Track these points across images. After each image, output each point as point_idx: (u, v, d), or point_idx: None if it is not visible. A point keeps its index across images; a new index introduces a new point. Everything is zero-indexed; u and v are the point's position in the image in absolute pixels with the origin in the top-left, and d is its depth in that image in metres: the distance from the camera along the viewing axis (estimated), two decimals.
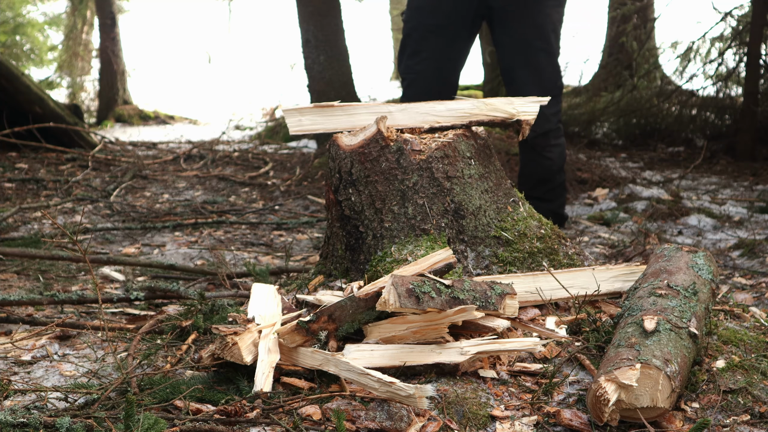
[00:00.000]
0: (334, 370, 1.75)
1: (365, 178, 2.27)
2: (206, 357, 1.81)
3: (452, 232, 2.26)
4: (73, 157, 6.40)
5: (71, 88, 13.88)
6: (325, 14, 6.84)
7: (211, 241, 3.98)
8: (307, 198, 5.31)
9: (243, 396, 1.75)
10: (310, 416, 1.68)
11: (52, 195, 5.19)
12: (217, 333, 1.81)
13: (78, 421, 1.60)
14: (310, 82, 6.99)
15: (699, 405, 1.79)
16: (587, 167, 5.60)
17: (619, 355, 1.73)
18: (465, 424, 1.69)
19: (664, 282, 2.02)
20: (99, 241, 3.92)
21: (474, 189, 2.30)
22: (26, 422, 1.59)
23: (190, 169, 6.52)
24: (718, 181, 5.71)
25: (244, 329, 1.82)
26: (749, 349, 2.01)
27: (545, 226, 2.41)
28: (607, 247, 3.73)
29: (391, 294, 1.77)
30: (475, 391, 1.79)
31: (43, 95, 6.89)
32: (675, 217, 4.36)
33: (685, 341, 1.81)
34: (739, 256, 3.56)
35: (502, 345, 1.85)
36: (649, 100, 7.38)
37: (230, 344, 1.78)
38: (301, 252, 3.74)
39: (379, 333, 1.89)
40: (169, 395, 1.75)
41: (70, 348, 2.31)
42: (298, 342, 1.80)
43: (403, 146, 2.25)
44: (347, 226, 2.32)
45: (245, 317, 1.92)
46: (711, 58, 7.17)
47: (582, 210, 4.74)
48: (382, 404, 1.68)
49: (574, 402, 1.79)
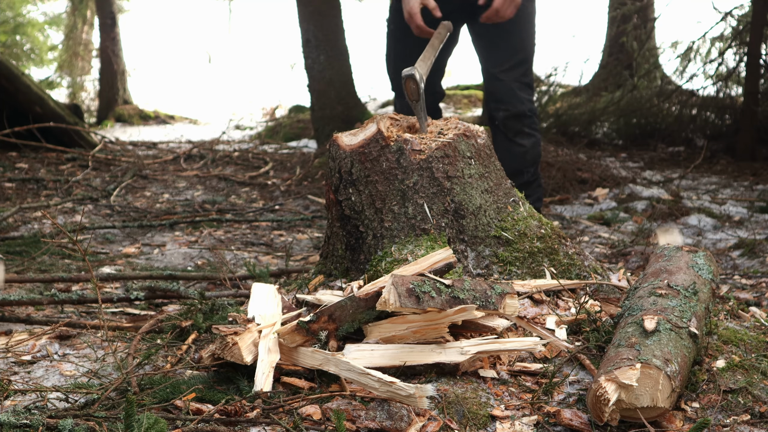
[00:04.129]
0: (335, 369, 1.75)
1: (365, 177, 2.27)
2: (206, 357, 1.81)
3: (452, 232, 2.26)
4: (73, 157, 6.40)
5: (71, 87, 13.88)
6: (325, 14, 6.84)
7: (211, 240, 3.98)
8: (307, 198, 5.31)
9: (243, 396, 1.75)
10: (310, 416, 1.68)
11: (52, 195, 5.19)
12: (218, 333, 1.81)
13: (81, 423, 1.60)
14: (310, 81, 6.99)
15: (699, 405, 1.79)
16: (587, 167, 5.60)
17: (620, 354, 1.72)
18: (465, 424, 1.69)
19: (665, 282, 2.02)
20: (99, 240, 3.92)
21: (474, 189, 2.30)
22: (29, 423, 1.59)
23: (190, 168, 6.52)
24: (719, 180, 5.71)
25: (245, 329, 1.82)
26: (749, 349, 2.01)
27: (545, 226, 2.40)
28: (607, 247, 3.73)
29: (392, 294, 1.77)
30: (476, 390, 1.79)
31: (43, 95, 6.90)
32: (675, 217, 4.36)
33: (686, 341, 1.81)
34: (739, 256, 3.56)
35: (502, 345, 1.85)
36: (649, 99, 7.38)
37: (230, 344, 1.78)
38: (301, 252, 3.74)
39: (379, 333, 1.89)
40: (170, 395, 1.75)
41: (70, 348, 2.31)
42: (299, 342, 1.80)
43: (404, 146, 2.25)
44: (347, 225, 2.32)
45: (245, 317, 1.92)
46: (711, 57, 7.18)
47: (582, 210, 4.74)
48: (382, 404, 1.68)
49: (574, 402, 1.79)
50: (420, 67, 2.42)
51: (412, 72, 2.34)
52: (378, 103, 11.11)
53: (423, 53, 2.52)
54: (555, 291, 2.27)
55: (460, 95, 11.14)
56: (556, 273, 2.31)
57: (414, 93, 2.34)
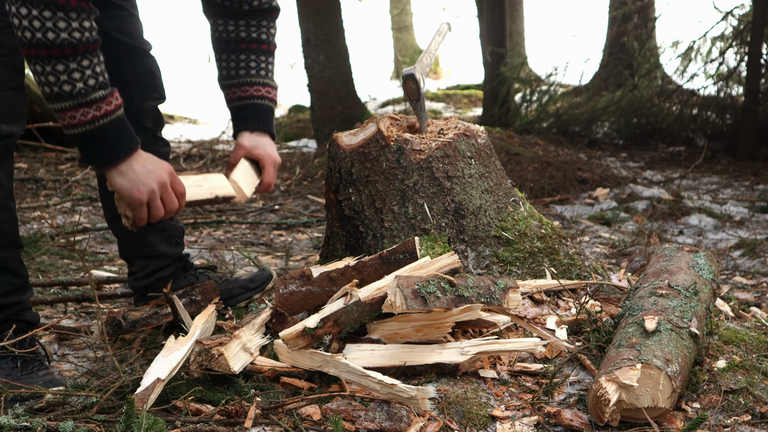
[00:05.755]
0: (334, 371, 1.74)
1: (365, 177, 2.26)
2: (194, 369, 1.79)
3: (452, 232, 2.26)
4: (72, 157, 6.40)
5: None
6: (325, 13, 6.84)
7: (210, 240, 3.98)
8: (307, 198, 5.30)
9: (243, 396, 1.74)
10: (310, 416, 1.67)
11: (51, 194, 5.18)
12: (201, 347, 1.77)
13: (81, 425, 1.59)
14: (309, 81, 6.98)
15: (700, 405, 1.78)
16: (588, 167, 5.60)
17: (620, 355, 1.72)
18: (465, 425, 1.69)
19: (665, 282, 2.02)
20: (98, 241, 3.92)
21: (474, 189, 2.29)
22: (29, 426, 1.58)
23: (190, 168, 6.52)
24: (719, 180, 5.70)
25: (230, 338, 1.80)
26: (750, 349, 2.00)
27: (546, 226, 2.40)
28: (608, 247, 3.72)
29: (398, 296, 1.76)
30: (476, 391, 1.79)
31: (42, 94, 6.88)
32: (676, 217, 4.35)
33: (686, 341, 1.81)
34: (740, 256, 3.56)
35: (502, 345, 1.84)
36: (649, 99, 7.38)
37: (216, 356, 1.76)
38: (301, 252, 3.74)
39: (382, 331, 1.88)
40: (169, 395, 1.75)
41: (69, 348, 2.30)
42: (302, 346, 1.79)
43: (403, 146, 2.25)
44: (347, 225, 2.32)
45: (232, 324, 1.90)
46: (712, 57, 7.17)
47: (583, 210, 4.74)
48: (381, 404, 1.67)
49: (574, 402, 1.78)
50: (420, 66, 2.42)
51: (412, 71, 2.34)
52: (378, 102, 11.10)
53: (423, 53, 2.52)
54: (555, 291, 2.26)
55: (460, 95, 11.14)
56: (557, 273, 2.31)
57: (414, 92, 2.34)
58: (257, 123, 2.20)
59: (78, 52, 1.70)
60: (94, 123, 1.76)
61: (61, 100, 1.73)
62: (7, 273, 1.96)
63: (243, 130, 2.20)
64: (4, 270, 1.95)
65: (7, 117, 1.88)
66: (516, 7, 11.28)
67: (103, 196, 2.26)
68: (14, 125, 1.90)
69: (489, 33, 7.88)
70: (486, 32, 7.96)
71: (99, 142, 1.79)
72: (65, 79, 1.71)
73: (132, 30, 2.21)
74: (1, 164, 1.91)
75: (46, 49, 1.68)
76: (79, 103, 1.74)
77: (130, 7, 2.22)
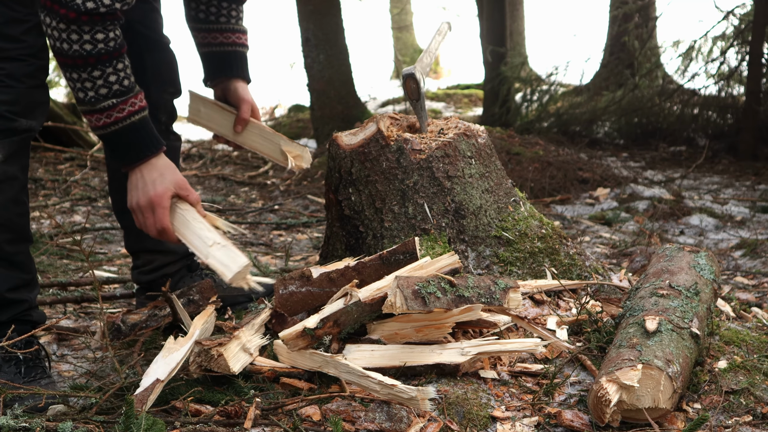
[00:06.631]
0: (334, 372, 1.74)
1: (365, 177, 2.26)
2: (194, 369, 1.78)
3: (453, 232, 2.25)
4: (71, 157, 6.39)
5: None
6: (324, 13, 6.83)
7: None
8: (306, 198, 5.30)
9: (242, 397, 1.74)
10: (310, 417, 1.67)
11: (50, 194, 5.18)
12: (201, 348, 1.77)
13: (80, 426, 1.59)
14: (309, 81, 6.98)
15: (701, 406, 1.78)
16: (588, 167, 5.59)
17: (621, 355, 1.71)
18: (465, 425, 1.68)
19: (666, 282, 2.01)
20: (98, 241, 3.91)
21: (475, 188, 2.29)
22: (28, 427, 1.57)
23: (190, 168, 6.51)
24: (720, 180, 5.69)
25: (230, 338, 1.79)
26: (751, 350, 2.00)
27: (546, 226, 2.39)
28: (608, 247, 3.72)
29: (398, 297, 1.75)
30: (476, 391, 1.78)
31: None
32: (677, 217, 4.34)
33: (687, 342, 1.80)
34: (741, 256, 3.55)
35: (503, 346, 1.84)
36: (650, 99, 7.37)
37: (215, 356, 1.75)
38: (301, 252, 3.73)
39: (382, 331, 1.88)
40: (169, 396, 1.74)
41: (69, 348, 2.30)
42: (302, 346, 1.78)
43: (404, 146, 2.24)
44: (347, 225, 2.31)
45: (231, 324, 1.90)
46: (713, 57, 7.16)
47: (583, 210, 4.73)
48: (381, 405, 1.67)
49: (575, 403, 1.78)
50: (420, 66, 2.41)
51: (412, 71, 2.34)
52: (378, 102, 11.09)
53: (423, 52, 2.52)
54: (556, 291, 2.26)
55: (460, 95, 11.13)
56: (557, 273, 2.30)
57: (414, 92, 2.33)
58: (245, 71, 2.28)
59: (89, 63, 1.80)
60: (106, 129, 1.87)
61: (79, 105, 1.87)
62: (16, 268, 1.95)
63: (232, 77, 2.26)
64: (14, 265, 1.94)
65: (28, 112, 1.92)
66: (516, 6, 11.27)
67: (113, 189, 2.31)
68: (34, 121, 1.94)
69: (489, 32, 7.88)
70: (486, 31, 7.96)
71: (124, 143, 1.90)
72: (79, 87, 1.84)
73: (154, 24, 2.28)
74: (18, 158, 1.93)
75: (63, 58, 1.79)
76: (91, 110, 1.85)
77: (153, 0, 2.26)
